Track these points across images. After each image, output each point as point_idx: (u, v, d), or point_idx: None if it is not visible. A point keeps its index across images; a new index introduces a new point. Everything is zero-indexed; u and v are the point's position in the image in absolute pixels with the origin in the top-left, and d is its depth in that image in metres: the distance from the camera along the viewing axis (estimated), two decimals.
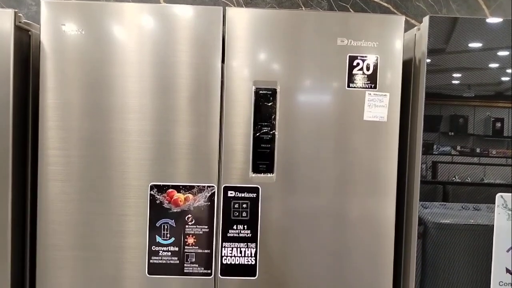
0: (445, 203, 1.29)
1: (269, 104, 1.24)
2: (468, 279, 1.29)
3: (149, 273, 1.24)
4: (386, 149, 1.28)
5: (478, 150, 1.29)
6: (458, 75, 1.28)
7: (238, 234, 1.26)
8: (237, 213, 1.26)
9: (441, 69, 1.28)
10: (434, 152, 1.28)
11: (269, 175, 1.26)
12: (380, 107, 1.25)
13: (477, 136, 1.30)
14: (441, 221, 1.28)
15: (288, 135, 1.26)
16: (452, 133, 1.29)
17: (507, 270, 1.27)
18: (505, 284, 1.27)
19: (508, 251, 1.27)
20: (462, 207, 1.29)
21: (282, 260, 1.27)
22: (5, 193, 1.20)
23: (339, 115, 1.27)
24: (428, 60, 1.25)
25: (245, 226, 1.26)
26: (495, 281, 1.27)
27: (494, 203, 1.27)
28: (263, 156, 1.25)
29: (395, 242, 1.30)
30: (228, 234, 1.26)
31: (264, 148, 1.25)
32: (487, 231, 1.28)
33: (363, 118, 1.26)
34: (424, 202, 1.27)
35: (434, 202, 1.28)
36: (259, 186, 1.26)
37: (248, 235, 1.26)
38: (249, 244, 1.26)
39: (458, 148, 1.30)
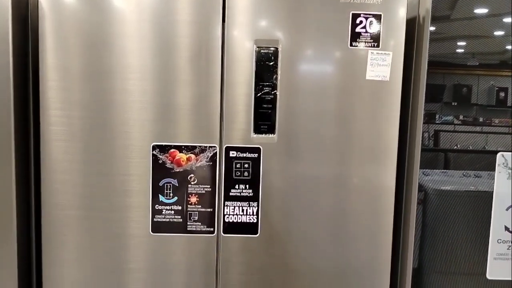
0: (446, 170, 1.29)
1: (271, 64, 1.23)
2: (467, 244, 1.31)
3: (153, 231, 1.26)
4: (388, 109, 1.27)
5: (481, 120, 1.29)
6: (463, 43, 1.26)
7: (240, 194, 1.27)
8: (239, 173, 1.27)
9: (445, 37, 1.25)
10: (436, 121, 1.27)
11: (270, 135, 1.26)
12: (383, 66, 1.23)
13: (480, 106, 1.29)
14: (441, 187, 1.29)
15: (289, 95, 1.25)
16: (456, 103, 1.28)
17: (506, 228, 1.29)
18: (504, 242, 1.29)
19: (507, 209, 1.28)
20: (463, 174, 1.30)
21: (283, 219, 1.29)
22: (8, 153, 1.21)
23: (341, 74, 1.26)
24: (432, 28, 1.22)
25: (247, 186, 1.27)
26: (494, 239, 1.29)
27: (495, 171, 1.28)
28: (264, 117, 1.25)
29: (396, 209, 1.32)
30: (230, 194, 1.27)
31: (265, 109, 1.25)
32: (488, 197, 1.29)
33: (365, 78, 1.25)
34: (425, 170, 1.28)
35: (435, 170, 1.29)
36: (260, 147, 1.26)
37: (250, 194, 1.27)
38: (251, 203, 1.28)
39: (461, 117, 1.29)
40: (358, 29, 1.23)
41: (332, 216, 1.30)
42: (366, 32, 1.23)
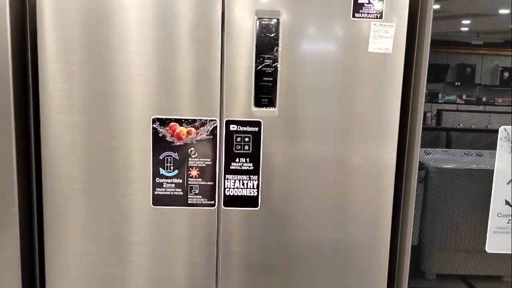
0: (447, 149, 1.29)
1: (272, 35, 1.21)
2: (466, 222, 1.31)
3: (154, 204, 1.27)
4: (391, 84, 1.26)
5: (484, 99, 1.27)
6: (467, 21, 1.23)
7: (241, 167, 1.27)
8: (239, 147, 1.27)
9: (449, 15, 1.23)
10: (439, 101, 1.26)
11: (271, 109, 1.25)
12: (386, 38, 1.21)
13: (483, 86, 1.27)
14: (442, 166, 1.28)
15: (290, 68, 1.24)
16: (459, 83, 1.27)
17: (506, 202, 1.29)
18: (504, 216, 1.29)
19: (508, 183, 1.28)
20: (464, 153, 1.30)
21: (283, 193, 1.30)
22: (8, 128, 1.21)
23: (343, 47, 1.24)
24: (436, 6, 1.20)
25: (248, 159, 1.27)
26: (494, 213, 1.29)
27: (496, 149, 1.27)
28: (265, 90, 1.24)
29: (397, 187, 1.32)
30: (231, 167, 1.27)
31: (266, 82, 1.24)
32: (489, 175, 1.29)
33: (367, 50, 1.23)
34: (426, 149, 1.27)
35: (437, 149, 1.28)
36: (261, 120, 1.25)
37: (250, 168, 1.28)
38: (251, 176, 1.28)
39: (464, 97, 1.28)
40: (361, 0, 1.20)
41: (333, 190, 1.30)
42: (369, 3, 1.21)
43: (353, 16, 1.21)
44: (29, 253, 1.33)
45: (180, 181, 1.27)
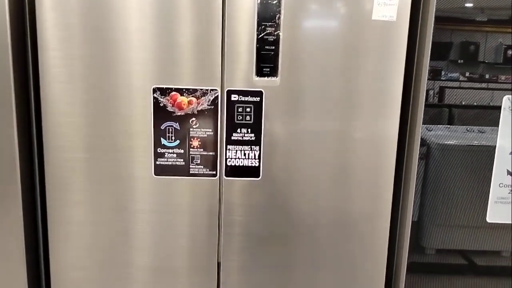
0: (450, 126, 1.28)
1: (274, 2, 1.19)
2: (467, 198, 1.32)
3: (156, 174, 1.27)
4: (394, 52, 1.24)
5: (487, 76, 1.26)
6: None
7: (242, 138, 1.27)
8: (241, 117, 1.26)
9: None
10: (442, 78, 1.25)
11: (272, 78, 1.24)
12: (390, 5, 1.19)
13: (487, 64, 1.26)
14: (444, 142, 1.28)
15: (293, 37, 1.22)
16: (462, 61, 1.25)
17: (508, 172, 1.28)
18: (505, 186, 1.29)
19: (510, 153, 1.27)
20: (467, 129, 1.29)
21: (285, 164, 1.30)
22: (8, 97, 1.20)
23: (347, 15, 1.21)
24: None
25: (249, 130, 1.27)
26: (496, 183, 1.29)
27: (499, 126, 1.27)
28: (266, 59, 1.22)
29: (399, 163, 1.31)
30: (232, 137, 1.27)
31: (268, 51, 1.22)
32: (490, 152, 1.29)
33: (372, 18, 1.21)
34: (428, 125, 1.27)
35: (439, 125, 1.28)
36: (262, 90, 1.24)
37: (252, 138, 1.27)
38: (253, 147, 1.28)
39: (467, 74, 1.27)
40: None
41: (334, 162, 1.30)
42: None
43: None
44: (32, 223, 1.34)
45: (182, 151, 1.27)
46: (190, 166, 1.28)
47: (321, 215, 1.33)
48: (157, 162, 1.27)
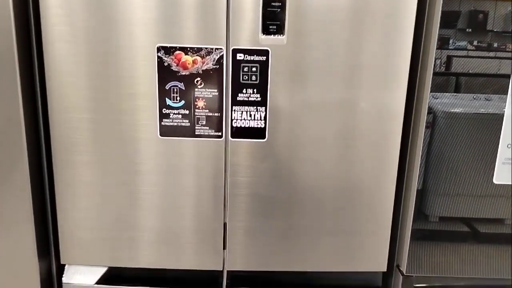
0: (456, 94, 1.26)
1: None
2: (472, 167, 1.31)
3: (161, 135, 1.27)
4: (403, 20, 1.20)
5: (495, 45, 1.23)
6: None
7: (248, 98, 1.25)
8: (247, 77, 1.24)
9: None
10: (449, 47, 1.22)
11: (279, 36, 1.21)
12: None
13: (495, 33, 1.23)
14: (450, 110, 1.26)
15: None
16: (470, 30, 1.22)
17: None
18: None
19: None
20: (473, 97, 1.27)
21: (291, 125, 1.28)
22: (11, 56, 1.19)
23: None
24: None
25: (255, 90, 1.25)
26: (504, 144, 1.28)
27: (507, 94, 1.24)
28: (273, 16, 1.19)
29: (403, 131, 1.30)
30: (238, 98, 1.25)
31: (274, 7, 1.19)
32: (497, 120, 1.27)
33: None
34: (435, 93, 1.25)
35: (445, 93, 1.26)
36: (268, 49, 1.22)
37: (258, 99, 1.26)
38: (258, 108, 1.26)
39: (475, 43, 1.24)
40: None
41: (341, 126, 1.28)
42: None
43: None
44: (40, 185, 1.35)
45: (187, 112, 1.26)
46: (196, 127, 1.27)
47: (326, 180, 1.33)
48: (162, 123, 1.26)
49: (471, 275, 1.41)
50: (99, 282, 1.39)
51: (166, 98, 1.24)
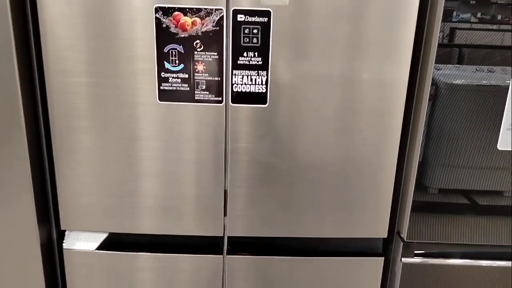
0: (459, 65, 1.24)
1: None
2: (473, 138, 1.29)
3: (160, 100, 1.24)
4: None
5: (499, 17, 1.20)
6: None
7: (249, 62, 1.22)
8: (248, 39, 1.20)
9: None
10: (453, 20, 1.19)
11: None
12: None
13: (499, 5, 1.19)
14: (452, 81, 1.24)
15: None
16: (474, 1, 1.19)
17: None
18: None
19: None
20: (476, 69, 1.25)
21: (292, 91, 1.25)
22: (5, 18, 1.15)
23: None
24: None
25: (256, 54, 1.22)
26: (509, 109, 1.26)
27: (509, 66, 1.22)
28: None
29: (407, 102, 1.27)
30: (238, 62, 1.22)
31: None
32: (499, 91, 1.25)
33: None
34: (437, 65, 1.22)
35: (448, 65, 1.23)
36: (270, 10, 1.18)
37: (259, 63, 1.22)
38: (260, 72, 1.23)
39: (479, 15, 1.20)
40: None
41: (343, 94, 1.26)
42: None
43: None
44: (38, 151, 1.33)
45: (186, 76, 1.23)
46: (195, 92, 1.24)
47: (327, 151, 1.31)
48: (161, 87, 1.23)
49: (470, 242, 1.41)
50: (99, 248, 1.39)
51: (165, 61, 1.21)
